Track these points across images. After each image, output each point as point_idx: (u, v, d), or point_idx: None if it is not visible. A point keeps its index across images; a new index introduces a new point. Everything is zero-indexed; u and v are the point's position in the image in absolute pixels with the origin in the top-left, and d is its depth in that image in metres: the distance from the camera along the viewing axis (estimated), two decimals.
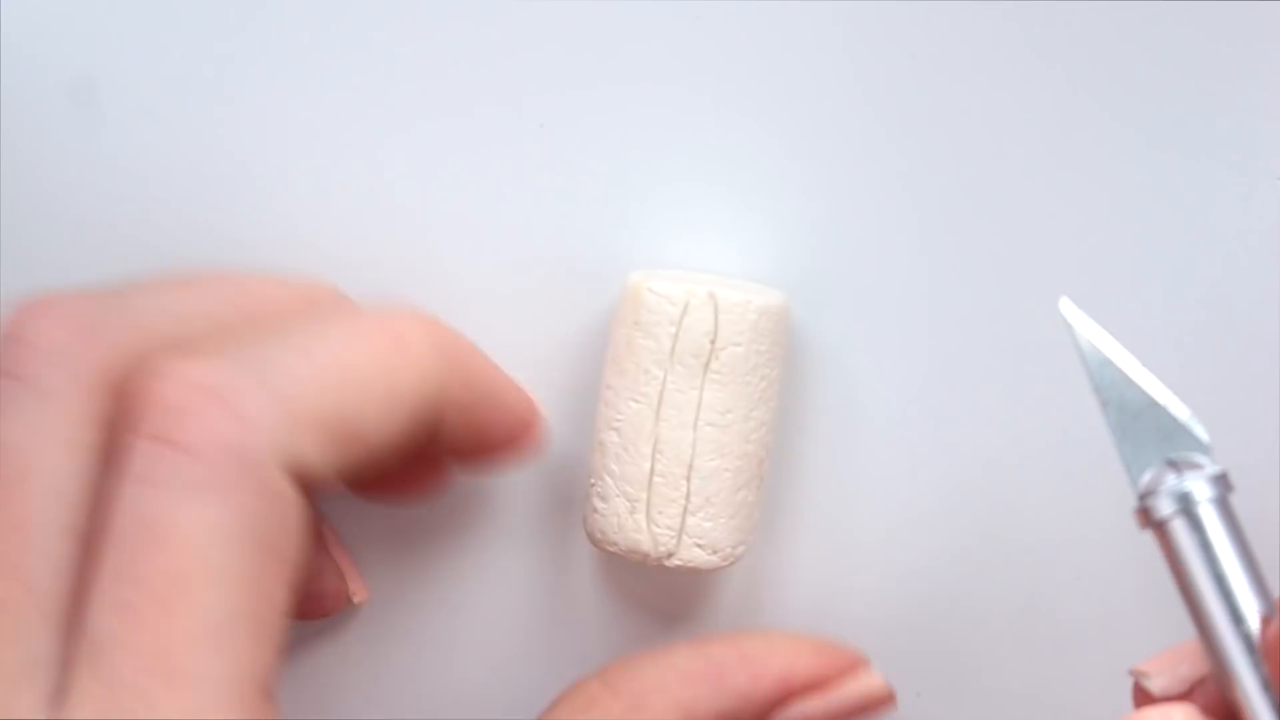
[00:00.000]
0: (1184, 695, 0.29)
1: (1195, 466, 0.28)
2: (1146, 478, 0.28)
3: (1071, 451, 0.36)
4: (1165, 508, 0.28)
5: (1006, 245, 0.36)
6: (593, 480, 0.34)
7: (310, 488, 0.28)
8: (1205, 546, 0.27)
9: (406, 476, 0.34)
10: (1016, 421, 0.36)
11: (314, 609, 0.36)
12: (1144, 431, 0.28)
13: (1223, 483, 0.28)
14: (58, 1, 0.36)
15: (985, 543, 0.36)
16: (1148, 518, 0.28)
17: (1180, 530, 0.27)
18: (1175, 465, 0.28)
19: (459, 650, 0.37)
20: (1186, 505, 0.27)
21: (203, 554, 0.26)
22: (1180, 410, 0.28)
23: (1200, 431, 0.28)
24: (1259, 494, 0.35)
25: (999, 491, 0.36)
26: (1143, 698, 0.30)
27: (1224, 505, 0.28)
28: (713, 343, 0.33)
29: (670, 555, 0.34)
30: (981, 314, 0.36)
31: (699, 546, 0.34)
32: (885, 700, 0.35)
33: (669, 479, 0.33)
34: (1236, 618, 0.27)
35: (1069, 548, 0.36)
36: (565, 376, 0.36)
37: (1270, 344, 0.35)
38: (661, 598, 0.37)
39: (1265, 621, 0.27)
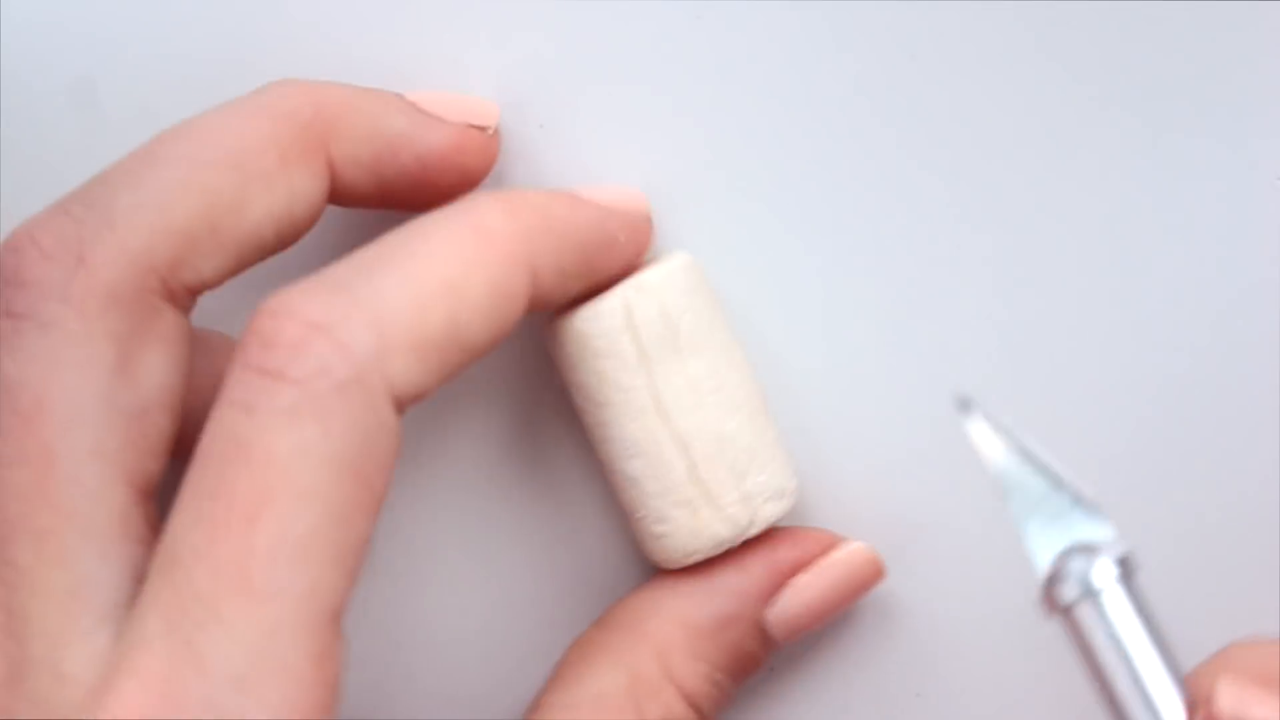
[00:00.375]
0: None
1: (1098, 550, 0.27)
2: (1051, 564, 0.27)
3: None
4: (1069, 593, 0.27)
5: (1003, 244, 0.36)
6: (639, 514, 0.34)
7: (410, 404, 0.28)
8: (1110, 630, 0.27)
9: None
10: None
11: None
12: (1047, 517, 0.27)
13: (1128, 564, 0.27)
14: (58, 1, 0.36)
15: (985, 542, 0.36)
16: (1053, 604, 0.27)
17: (1086, 614, 0.27)
18: (1079, 549, 0.27)
19: (472, 656, 0.37)
20: (1089, 590, 0.27)
21: (290, 473, 0.26)
22: (1083, 492, 0.27)
23: (1103, 513, 0.27)
24: (1262, 490, 0.35)
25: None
26: None
27: (1130, 586, 0.27)
28: (670, 323, 0.33)
29: (751, 524, 0.33)
30: (980, 315, 0.36)
31: (769, 500, 0.34)
32: (873, 566, 0.35)
33: (709, 463, 0.33)
34: (1148, 703, 0.26)
35: None
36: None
37: (1270, 343, 0.35)
38: None
39: (1191, 709, 0.26)
